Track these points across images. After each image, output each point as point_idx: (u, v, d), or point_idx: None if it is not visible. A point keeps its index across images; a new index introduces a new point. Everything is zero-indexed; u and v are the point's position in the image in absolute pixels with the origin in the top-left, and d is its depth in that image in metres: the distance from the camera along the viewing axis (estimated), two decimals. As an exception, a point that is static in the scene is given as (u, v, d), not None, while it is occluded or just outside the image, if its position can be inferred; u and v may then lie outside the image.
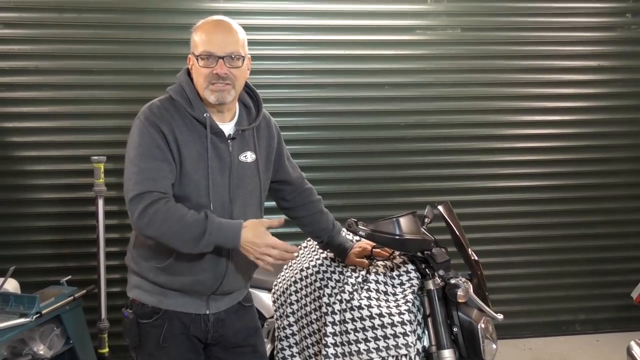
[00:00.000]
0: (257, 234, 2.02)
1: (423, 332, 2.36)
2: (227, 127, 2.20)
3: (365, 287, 2.39)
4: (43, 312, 3.04)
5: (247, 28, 2.21)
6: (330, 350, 2.34)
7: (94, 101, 4.00)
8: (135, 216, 2.02)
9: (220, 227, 2.02)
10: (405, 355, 2.24)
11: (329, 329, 2.35)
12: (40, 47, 3.93)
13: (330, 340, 2.35)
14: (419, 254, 2.43)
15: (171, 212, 2.01)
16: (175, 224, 2.00)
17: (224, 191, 2.17)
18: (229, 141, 2.18)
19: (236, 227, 2.04)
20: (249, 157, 2.24)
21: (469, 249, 2.55)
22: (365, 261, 2.49)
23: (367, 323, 2.28)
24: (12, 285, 3.23)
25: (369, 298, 2.34)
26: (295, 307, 2.59)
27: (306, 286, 2.55)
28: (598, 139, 4.52)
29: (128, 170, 2.08)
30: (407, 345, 2.24)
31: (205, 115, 2.13)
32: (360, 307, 2.30)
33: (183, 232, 2.00)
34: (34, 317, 2.98)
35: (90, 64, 3.97)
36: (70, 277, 3.50)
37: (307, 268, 2.58)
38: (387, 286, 2.40)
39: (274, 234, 2.06)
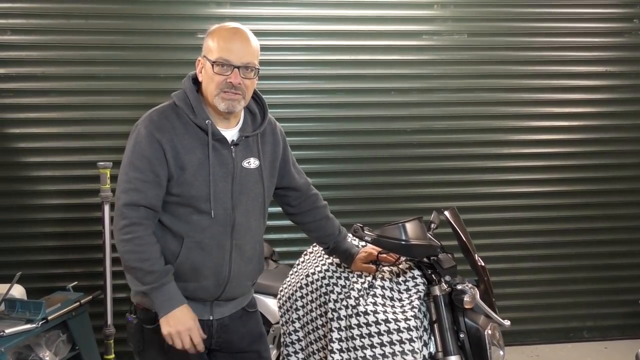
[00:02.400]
0: (184, 323, 2.06)
1: (429, 338, 2.34)
2: (231, 133, 2.20)
3: (371, 292, 2.38)
4: (49, 318, 3.04)
5: (253, 33, 2.21)
6: (336, 356, 2.33)
7: (100, 107, 4.01)
8: (121, 225, 2.07)
9: (169, 291, 2.07)
10: (412, 362, 2.23)
11: (335, 335, 2.34)
12: (47, 53, 3.95)
13: (336, 346, 2.34)
14: (425, 259, 2.41)
15: (147, 248, 2.06)
16: (143, 261, 2.05)
17: (226, 198, 2.17)
18: (231, 147, 2.18)
19: (177, 303, 2.07)
20: (252, 163, 2.23)
21: (476, 255, 2.53)
22: (373, 266, 2.47)
23: (373, 329, 2.27)
24: (18, 291, 3.23)
25: (374, 304, 2.32)
26: (301, 312, 2.58)
27: (312, 292, 2.54)
28: (605, 144, 4.49)
29: (119, 175, 2.14)
30: (413, 352, 2.23)
31: (207, 122, 2.13)
32: (366, 313, 2.29)
33: (143, 269, 2.05)
34: (40, 323, 2.98)
35: (96, 70, 3.99)
36: (76, 283, 3.49)
37: (313, 273, 2.57)
38: (393, 292, 2.39)
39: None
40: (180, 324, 2.06)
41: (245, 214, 2.21)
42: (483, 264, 2.55)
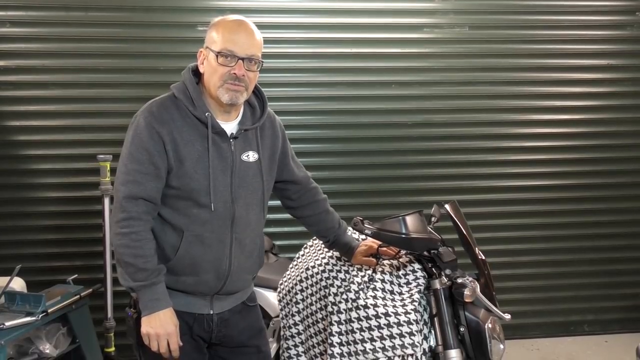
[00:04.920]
0: (164, 327, 2.06)
1: (429, 331, 2.34)
2: (230, 127, 2.19)
3: (371, 286, 2.38)
4: (49, 311, 3.03)
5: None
6: (336, 350, 2.33)
7: (100, 99, 4.00)
8: (120, 217, 2.06)
9: (157, 291, 2.07)
10: (412, 355, 2.23)
11: (335, 328, 2.34)
12: (46, 45, 3.93)
13: (335, 339, 2.33)
14: (425, 253, 2.41)
15: (143, 244, 2.06)
16: (136, 257, 2.04)
17: (226, 191, 2.16)
18: (231, 140, 2.17)
19: (162, 305, 2.07)
20: (251, 156, 2.22)
21: (476, 248, 2.53)
22: (373, 260, 2.47)
23: (373, 322, 2.27)
24: (18, 284, 3.22)
25: (374, 297, 2.32)
26: (300, 306, 2.58)
27: (312, 285, 2.54)
28: (607, 138, 4.48)
29: (119, 166, 2.13)
30: (413, 345, 2.23)
31: (206, 114, 2.12)
32: (366, 307, 2.29)
33: (135, 265, 2.04)
34: (40, 316, 2.97)
35: (96, 63, 3.98)
36: (76, 275, 3.48)
37: (313, 267, 2.56)
38: (393, 285, 2.39)
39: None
40: (161, 327, 2.06)
41: (245, 207, 2.20)
42: (483, 258, 2.54)
